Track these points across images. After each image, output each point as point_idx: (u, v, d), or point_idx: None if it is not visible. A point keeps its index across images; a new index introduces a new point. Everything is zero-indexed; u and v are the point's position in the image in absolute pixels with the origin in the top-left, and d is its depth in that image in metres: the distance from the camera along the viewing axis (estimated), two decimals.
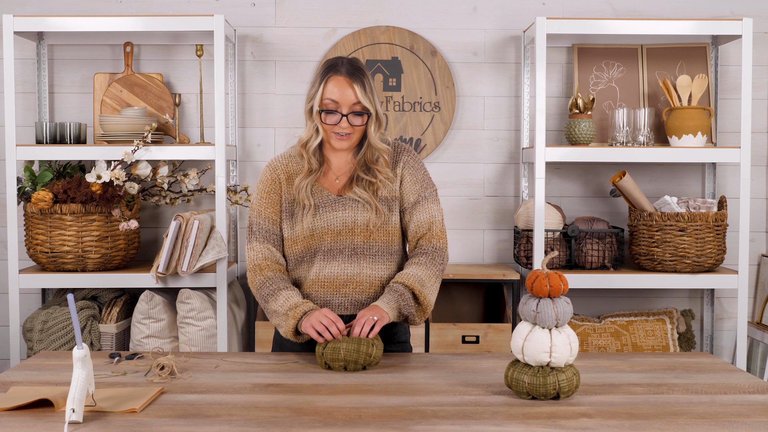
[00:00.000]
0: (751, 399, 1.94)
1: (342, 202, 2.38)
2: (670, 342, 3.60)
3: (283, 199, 2.42)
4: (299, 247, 2.40)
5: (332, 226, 2.37)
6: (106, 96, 3.70)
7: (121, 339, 3.50)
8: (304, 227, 2.38)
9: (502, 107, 3.82)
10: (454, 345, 3.41)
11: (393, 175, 2.42)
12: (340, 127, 2.34)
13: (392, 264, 2.42)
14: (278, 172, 2.43)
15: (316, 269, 2.39)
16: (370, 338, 2.20)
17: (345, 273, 2.37)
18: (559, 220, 3.56)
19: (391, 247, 2.41)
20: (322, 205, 2.38)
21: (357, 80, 2.33)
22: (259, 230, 2.42)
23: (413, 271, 2.35)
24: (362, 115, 2.35)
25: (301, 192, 2.38)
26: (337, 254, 2.37)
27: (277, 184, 2.42)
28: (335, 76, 2.34)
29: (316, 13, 3.79)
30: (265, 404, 1.88)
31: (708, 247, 3.45)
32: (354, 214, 2.37)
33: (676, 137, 3.49)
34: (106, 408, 1.82)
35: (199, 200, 3.81)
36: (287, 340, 2.43)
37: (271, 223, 2.42)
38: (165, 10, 3.75)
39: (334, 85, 2.33)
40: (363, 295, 2.38)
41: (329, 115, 2.34)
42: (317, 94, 2.35)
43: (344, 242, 2.37)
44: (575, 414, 1.81)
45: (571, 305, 1.94)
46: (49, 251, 3.39)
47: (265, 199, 2.42)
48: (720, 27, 3.43)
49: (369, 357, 2.18)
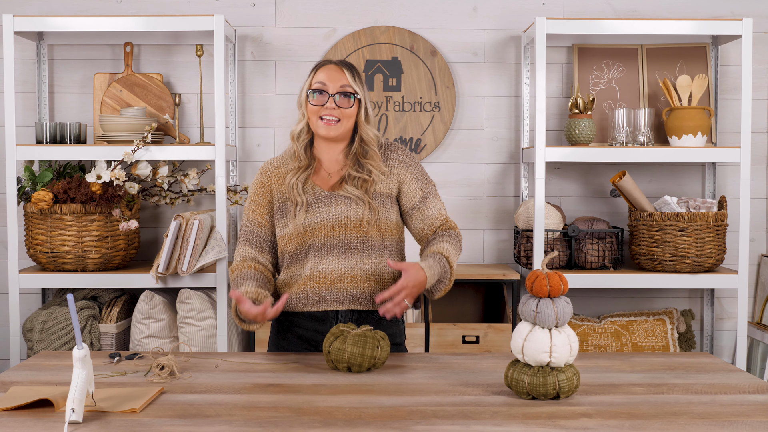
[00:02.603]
0: (751, 399, 1.94)
1: (334, 198, 2.40)
2: (670, 342, 3.60)
3: (276, 200, 2.45)
4: (293, 244, 2.41)
5: (325, 221, 2.38)
6: (106, 96, 3.70)
7: (121, 339, 3.50)
8: (297, 224, 2.39)
9: (502, 107, 3.82)
10: (454, 345, 3.41)
11: (387, 170, 2.43)
12: (327, 109, 2.36)
13: (385, 259, 2.43)
14: (269, 175, 2.47)
15: (310, 265, 2.40)
16: (375, 338, 2.18)
17: (339, 268, 2.38)
18: (559, 220, 3.56)
19: (383, 241, 2.42)
20: (315, 201, 2.40)
21: (346, 67, 2.40)
22: (244, 232, 2.48)
23: (446, 245, 2.39)
24: (349, 97, 2.37)
25: (293, 189, 2.40)
26: (331, 249, 2.39)
27: (267, 187, 2.46)
28: (326, 66, 2.42)
29: (316, 13, 3.79)
30: (265, 404, 1.88)
31: (708, 247, 3.45)
32: (347, 210, 2.38)
33: (676, 137, 3.49)
34: (106, 408, 1.82)
35: (199, 200, 3.82)
36: (282, 338, 2.48)
37: (257, 226, 2.46)
38: (165, 10, 3.75)
39: (323, 71, 2.40)
40: (357, 290, 2.39)
41: (317, 95, 2.38)
42: (306, 83, 2.42)
43: (337, 237, 2.38)
44: (575, 414, 1.81)
45: (571, 305, 1.94)
46: (49, 251, 3.39)
47: (254, 203, 2.47)
48: (720, 27, 3.43)
49: (374, 359, 2.16)
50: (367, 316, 2.43)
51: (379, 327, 2.43)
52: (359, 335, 2.17)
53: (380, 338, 2.20)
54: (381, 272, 2.42)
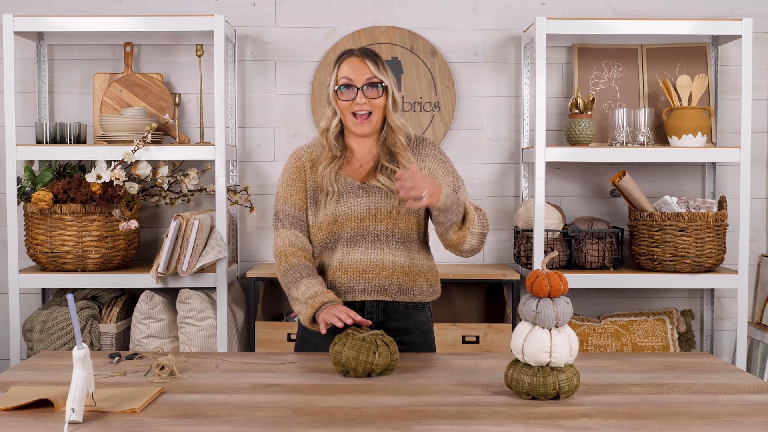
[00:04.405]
0: (751, 399, 1.94)
1: (366, 189, 2.40)
2: (670, 342, 3.60)
3: (308, 186, 2.45)
4: (323, 234, 2.42)
5: (355, 212, 2.39)
6: (106, 96, 3.70)
7: (121, 339, 3.50)
8: (328, 213, 2.40)
9: (502, 107, 3.82)
10: (454, 345, 3.41)
11: (418, 163, 2.43)
12: (357, 104, 2.37)
13: (413, 252, 2.43)
14: (303, 160, 2.46)
15: (339, 255, 2.40)
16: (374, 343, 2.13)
17: (368, 259, 2.39)
18: (559, 220, 3.56)
19: (412, 234, 2.43)
20: (346, 192, 2.40)
21: (369, 58, 2.39)
22: (285, 217, 2.44)
23: (466, 201, 2.36)
24: (377, 87, 2.38)
25: (325, 179, 2.41)
26: (360, 240, 2.39)
27: (302, 171, 2.45)
28: (348, 58, 2.41)
29: (316, 13, 3.79)
30: (265, 404, 1.88)
31: (708, 247, 3.45)
32: (377, 201, 2.39)
33: (676, 137, 3.49)
34: (106, 408, 1.82)
35: (199, 200, 3.82)
36: (309, 333, 2.45)
37: (298, 209, 2.44)
38: (165, 10, 3.75)
39: (347, 64, 2.39)
40: (386, 281, 2.39)
41: (345, 91, 2.38)
42: (332, 78, 2.41)
43: (367, 228, 2.39)
44: (575, 414, 1.81)
45: (571, 305, 1.94)
46: (49, 251, 3.39)
47: (291, 186, 2.45)
48: (720, 27, 3.43)
49: (370, 365, 2.12)
50: (393, 307, 2.42)
51: (405, 316, 2.43)
52: (358, 340, 2.14)
53: (380, 344, 2.14)
54: (410, 264, 2.42)
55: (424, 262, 2.47)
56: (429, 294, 2.47)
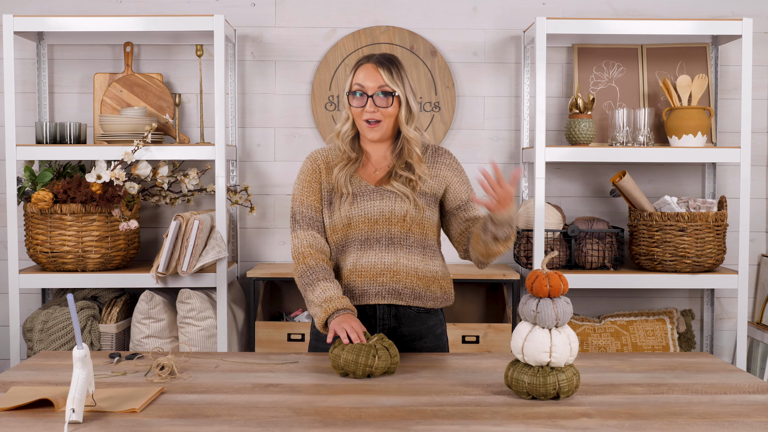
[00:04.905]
0: (751, 399, 1.94)
1: (380, 192, 2.41)
2: (670, 342, 3.60)
3: (323, 188, 2.45)
4: (338, 236, 2.43)
5: (369, 215, 2.39)
6: (106, 96, 3.70)
7: (121, 339, 3.50)
8: (342, 215, 2.40)
9: (502, 107, 3.82)
10: (454, 345, 3.41)
11: (434, 172, 2.45)
12: (366, 111, 2.38)
13: (427, 257, 2.43)
14: (318, 162, 2.47)
15: (353, 258, 2.40)
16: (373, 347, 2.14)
17: (382, 262, 2.39)
18: (559, 220, 3.56)
19: (426, 240, 2.44)
20: (360, 194, 2.41)
21: (384, 66, 2.40)
22: (302, 218, 2.44)
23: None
24: (387, 97, 2.38)
25: (339, 180, 2.42)
26: (374, 243, 2.39)
27: (317, 173, 2.46)
28: (365, 64, 2.42)
29: (316, 13, 3.79)
30: (265, 404, 1.88)
31: (708, 247, 3.45)
32: (392, 205, 2.40)
33: (676, 137, 3.49)
34: (106, 408, 1.82)
35: (199, 200, 3.82)
36: (322, 341, 2.46)
37: (315, 210, 2.45)
38: (165, 10, 3.75)
39: (362, 71, 2.41)
40: (400, 285, 2.39)
41: (356, 98, 2.40)
42: (348, 82, 2.43)
43: (381, 231, 2.39)
44: (575, 414, 1.81)
45: (571, 305, 1.94)
46: (49, 251, 3.39)
47: (307, 188, 2.46)
48: (720, 27, 3.43)
49: (369, 368, 2.12)
50: (405, 312, 2.43)
51: (417, 321, 2.43)
52: (358, 343, 2.16)
53: (380, 348, 2.15)
54: (424, 269, 2.42)
55: (439, 268, 2.47)
56: (442, 300, 2.48)
